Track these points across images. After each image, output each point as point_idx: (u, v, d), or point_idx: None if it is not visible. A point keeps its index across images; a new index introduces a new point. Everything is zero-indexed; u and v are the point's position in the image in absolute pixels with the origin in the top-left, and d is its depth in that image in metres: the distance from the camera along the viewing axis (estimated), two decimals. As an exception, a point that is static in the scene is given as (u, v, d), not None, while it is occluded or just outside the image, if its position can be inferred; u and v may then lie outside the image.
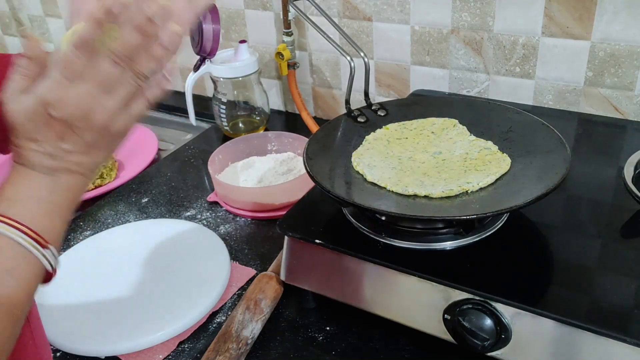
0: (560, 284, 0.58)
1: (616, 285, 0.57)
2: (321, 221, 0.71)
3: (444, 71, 1.05)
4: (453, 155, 0.73)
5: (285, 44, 1.13)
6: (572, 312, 0.53)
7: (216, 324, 0.74)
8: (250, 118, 1.19)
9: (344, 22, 1.10)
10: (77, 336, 0.71)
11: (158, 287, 0.78)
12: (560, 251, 0.62)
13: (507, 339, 0.57)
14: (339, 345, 0.69)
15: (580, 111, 0.95)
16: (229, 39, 1.26)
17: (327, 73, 1.18)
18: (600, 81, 0.92)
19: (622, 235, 0.65)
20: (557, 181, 0.60)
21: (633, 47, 0.87)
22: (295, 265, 0.71)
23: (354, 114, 0.83)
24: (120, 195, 1.03)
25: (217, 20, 1.04)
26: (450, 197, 0.64)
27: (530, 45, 0.94)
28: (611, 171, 0.76)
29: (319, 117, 1.25)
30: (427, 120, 0.81)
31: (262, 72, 1.23)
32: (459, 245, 0.63)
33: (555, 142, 0.69)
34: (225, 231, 0.91)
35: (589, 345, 0.53)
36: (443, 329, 0.60)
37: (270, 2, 1.16)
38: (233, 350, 0.66)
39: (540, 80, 0.97)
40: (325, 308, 0.73)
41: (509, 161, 0.69)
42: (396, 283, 0.62)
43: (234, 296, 0.78)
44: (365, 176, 0.70)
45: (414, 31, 1.03)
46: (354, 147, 0.77)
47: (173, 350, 0.70)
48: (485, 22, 0.96)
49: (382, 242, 0.65)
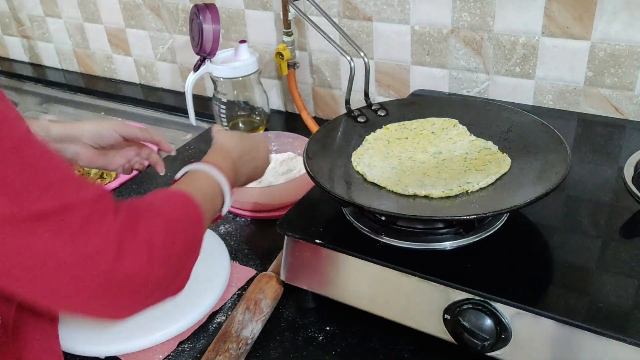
0: (560, 284, 0.58)
1: (616, 285, 0.57)
2: (321, 221, 0.71)
3: (443, 71, 1.05)
4: (453, 155, 0.73)
5: (285, 44, 1.13)
6: (572, 312, 0.53)
7: (216, 324, 0.74)
8: (250, 118, 1.19)
9: (344, 22, 1.10)
10: (77, 336, 0.71)
11: (158, 287, 0.78)
12: (560, 251, 0.62)
13: (507, 339, 0.57)
14: (339, 345, 0.69)
15: (580, 111, 0.95)
16: (229, 39, 1.26)
17: (327, 73, 1.18)
18: (600, 81, 0.92)
19: (622, 235, 0.65)
20: (557, 181, 0.60)
21: (633, 47, 0.87)
22: (295, 265, 0.71)
23: (354, 114, 0.83)
24: (120, 195, 1.03)
25: (217, 20, 1.04)
26: (450, 197, 0.64)
27: (530, 45, 0.94)
28: (611, 171, 0.76)
29: (319, 117, 1.25)
30: (427, 120, 0.81)
31: (262, 72, 1.23)
32: (459, 245, 0.63)
33: (555, 142, 0.69)
34: (225, 231, 0.91)
35: (588, 345, 0.53)
36: (443, 329, 0.60)
37: (270, 2, 1.16)
38: (233, 350, 0.66)
39: (540, 80, 0.97)
40: (325, 308, 0.73)
41: (509, 161, 0.69)
42: (396, 283, 0.62)
43: (234, 296, 0.78)
44: (365, 176, 0.70)
45: (414, 31, 1.03)
46: (354, 147, 0.77)
47: (173, 350, 0.70)
48: (485, 22, 0.96)
49: (382, 242, 0.65)
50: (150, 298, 0.52)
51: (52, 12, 1.54)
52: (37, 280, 0.44)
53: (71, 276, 0.45)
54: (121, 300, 0.49)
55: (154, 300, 0.52)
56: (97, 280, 0.46)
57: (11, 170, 0.42)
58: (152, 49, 1.41)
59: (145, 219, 0.50)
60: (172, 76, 1.43)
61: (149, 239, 0.49)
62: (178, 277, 0.54)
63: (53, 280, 0.45)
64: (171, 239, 0.52)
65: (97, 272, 0.46)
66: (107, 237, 0.46)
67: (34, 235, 0.43)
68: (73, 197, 0.45)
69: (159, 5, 1.32)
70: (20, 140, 0.43)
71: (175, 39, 1.35)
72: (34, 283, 0.45)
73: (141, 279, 0.49)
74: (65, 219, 0.44)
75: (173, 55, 1.38)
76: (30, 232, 0.43)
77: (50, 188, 0.44)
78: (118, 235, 0.47)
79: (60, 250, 0.44)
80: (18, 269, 0.44)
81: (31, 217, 0.42)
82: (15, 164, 0.42)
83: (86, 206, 0.46)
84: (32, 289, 0.45)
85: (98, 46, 1.51)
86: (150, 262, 0.49)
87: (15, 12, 1.62)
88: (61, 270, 0.44)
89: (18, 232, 0.42)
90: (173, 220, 0.54)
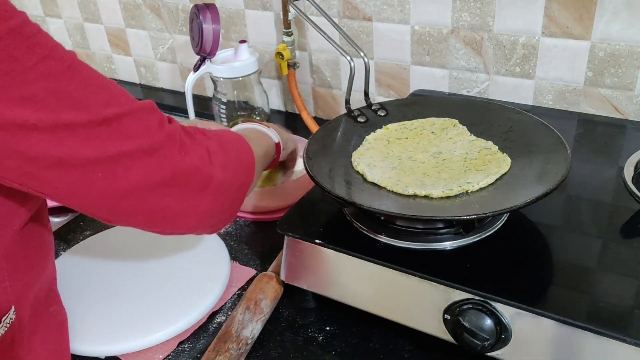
0: (560, 284, 0.58)
1: (616, 285, 0.57)
2: (321, 221, 0.71)
3: (444, 71, 1.05)
4: (453, 155, 0.73)
5: (285, 44, 1.13)
6: (572, 312, 0.53)
7: (216, 324, 0.74)
8: (250, 118, 1.19)
9: (344, 22, 1.10)
10: (77, 336, 0.71)
11: (158, 287, 0.78)
12: (560, 251, 0.62)
13: (507, 339, 0.57)
14: (339, 345, 0.69)
15: (580, 111, 0.95)
16: (229, 39, 1.26)
17: (327, 73, 1.18)
18: (600, 81, 0.92)
19: (622, 235, 0.65)
20: (557, 181, 0.60)
21: (633, 47, 0.87)
22: (295, 265, 0.71)
23: (354, 114, 0.83)
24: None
25: (217, 20, 1.04)
26: (450, 197, 0.64)
27: (530, 45, 0.94)
28: (611, 171, 0.76)
29: (319, 117, 1.25)
30: (427, 120, 0.81)
31: (262, 72, 1.23)
32: (459, 245, 0.63)
33: (555, 142, 0.69)
34: (225, 231, 0.91)
35: (589, 345, 0.53)
36: (443, 329, 0.60)
37: (270, 2, 1.16)
38: (233, 350, 0.66)
39: (540, 80, 0.97)
40: (325, 308, 0.73)
41: (509, 161, 0.69)
42: (396, 283, 0.62)
43: (234, 296, 0.78)
44: (365, 176, 0.70)
45: (414, 31, 1.03)
46: (354, 147, 0.77)
47: (173, 350, 0.70)
48: (485, 22, 0.96)
49: (382, 242, 0.65)
50: (217, 200, 0.57)
51: (52, 12, 1.54)
52: (111, 181, 0.49)
53: (143, 171, 0.50)
54: (191, 196, 0.54)
55: (218, 204, 0.58)
56: (166, 172, 0.52)
57: (75, 86, 0.46)
58: (152, 49, 1.41)
59: (199, 132, 0.58)
60: (172, 76, 1.43)
61: (206, 145, 0.56)
62: (239, 192, 0.61)
63: (126, 178, 0.50)
64: (225, 149, 0.59)
65: (164, 165, 0.51)
66: (169, 137, 0.52)
67: (107, 139, 0.48)
68: (133, 105, 0.50)
69: (159, 5, 1.32)
70: (73, 62, 0.47)
71: (175, 39, 1.35)
72: (109, 184, 0.49)
73: (205, 174, 0.55)
74: (130, 123, 0.49)
75: (173, 55, 1.38)
76: (103, 137, 0.47)
77: (111, 99, 0.49)
78: (179, 137, 0.54)
79: (129, 150, 0.49)
80: (94, 172, 0.48)
81: (101, 122, 0.47)
82: (76, 81, 0.46)
83: (145, 113, 0.51)
84: (109, 191, 0.49)
85: (98, 46, 1.51)
86: (210, 161, 0.55)
87: (15, 12, 1.62)
88: (131, 168, 0.49)
89: (91, 139, 0.47)
90: (225, 140, 0.60)
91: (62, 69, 0.45)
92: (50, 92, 0.44)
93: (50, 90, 0.44)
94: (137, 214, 0.53)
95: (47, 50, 0.45)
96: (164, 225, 0.56)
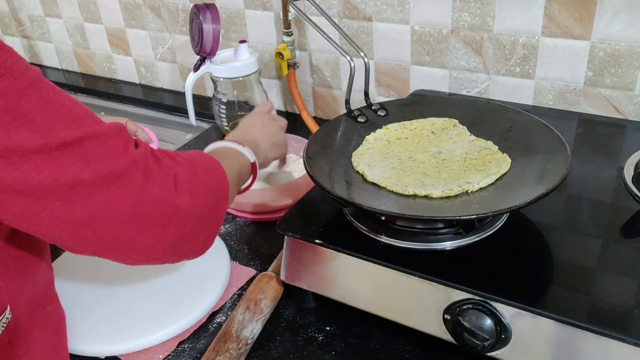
0: (560, 284, 0.58)
1: (616, 285, 0.57)
2: (321, 221, 0.71)
3: (444, 71, 1.05)
4: (453, 155, 0.73)
5: (285, 44, 1.13)
6: (572, 312, 0.53)
7: (216, 324, 0.74)
8: (250, 118, 1.19)
9: (344, 22, 1.10)
10: (77, 336, 0.71)
11: (158, 287, 0.78)
12: (560, 251, 0.62)
13: (507, 339, 0.57)
14: (339, 345, 0.69)
15: (580, 111, 0.95)
16: (229, 39, 1.26)
17: (327, 73, 1.18)
18: (600, 81, 0.92)
19: (622, 235, 0.65)
20: (557, 181, 0.60)
21: (633, 47, 0.87)
22: (295, 265, 0.71)
23: (354, 114, 0.83)
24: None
25: (217, 20, 1.04)
26: (450, 197, 0.64)
27: (530, 45, 0.94)
28: (611, 171, 0.76)
29: (319, 117, 1.25)
30: (427, 120, 0.81)
31: (262, 72, 1.23)
32: (459, 245, 0.63)
33: (555, 142, 0.69)
34: (225, 231, 0.91)
35: (589, 345, 0.53)
36: (443, 329, 0.60)
37: (270, 2, 1.16)
38: (233, 350, 0.66)
39: (540, 80, 0.97)
40: (325, 308, 0.73)
41: (509, 161, 0.69)
42: (396, 283, 0.62)
43: (234, 296, 0.78)
44: (365, 176, 0.70)
45: (414, 31, 1.03)
46: (354, 147, 0.77)
47: (173, 350, 0.70)
48: (485, 22, 0.96)
49: (382, 242, 0.65)
50: (184, 228, 0.54)
51: (52, 12, 1.54)
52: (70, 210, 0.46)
53: (104, 200, 0.47)
54: (154, 227, 0.51)
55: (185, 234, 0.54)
56: (128, 202, 0.48)
57: (33, 105, 0.43)
58: (152, 49, 1.41)
59: (168, 157, 0.55)
60: (172, 76, 1.43)
61: (173, 172, 0.53)
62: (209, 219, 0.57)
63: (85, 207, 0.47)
64: (194, 173, 0.55)
65: (127, 194, 0.48)
66: (133, 163, 0.49)
67: (63, 165, 0.45)
68: (96, 128, 0.47)
69: (159, 5, 1.32)
70: (35, 79, 0.45)
71: (175, 39, 1.35)
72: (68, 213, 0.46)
73: (169, 205, 0.51)
74: (92, 147, 0.46)
75: (173, 55, 1.38)
76: (59, 162, 0.44)
77: (73, 121, 0.46)
78: (143, 163, 0.50)
79: (88, 177, 0.46)
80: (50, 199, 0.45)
81: (58, 146, 0.44)
82: (36, 100, 0.44)
83: (109, 136, 0.48)
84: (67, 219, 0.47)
85: (98, 46, 1.51)
86: (176, 190, 0.52)
87: (15, 12, 1.62)
88: (91, 196, 0.46)
89: (47, 163, 0.44)
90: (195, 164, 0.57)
91: (21, 87, 0.43)
92: (4, 112, 0.42)
93: (4, 109, 0.42)
94: (98, 244, 0.50)
95: (5, 67, 0.42)
96: (128, 257, 0.53)
